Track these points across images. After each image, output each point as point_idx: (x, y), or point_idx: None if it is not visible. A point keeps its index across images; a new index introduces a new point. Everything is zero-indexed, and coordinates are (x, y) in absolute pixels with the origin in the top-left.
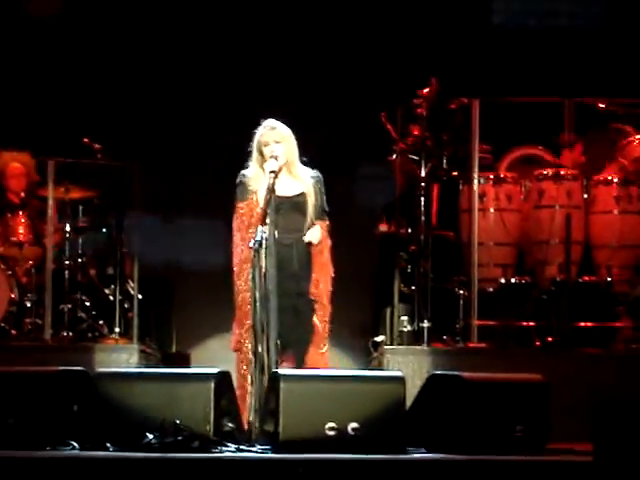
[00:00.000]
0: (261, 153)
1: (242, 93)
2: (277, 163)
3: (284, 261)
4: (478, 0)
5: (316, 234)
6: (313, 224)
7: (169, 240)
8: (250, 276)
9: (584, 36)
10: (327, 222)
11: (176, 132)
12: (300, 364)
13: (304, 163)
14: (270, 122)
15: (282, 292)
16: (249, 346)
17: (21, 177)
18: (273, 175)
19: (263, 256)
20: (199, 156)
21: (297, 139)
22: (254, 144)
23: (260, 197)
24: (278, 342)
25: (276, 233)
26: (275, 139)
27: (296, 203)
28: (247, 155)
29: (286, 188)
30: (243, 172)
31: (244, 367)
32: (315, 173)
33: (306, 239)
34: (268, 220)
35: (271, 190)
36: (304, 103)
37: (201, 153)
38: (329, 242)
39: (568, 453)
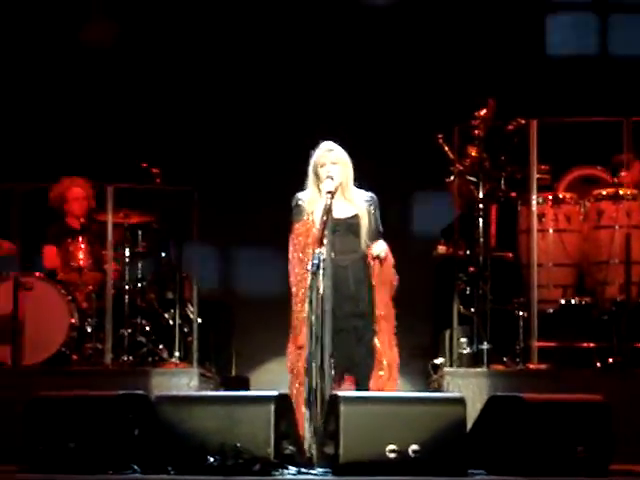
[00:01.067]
0: (317, 175)
1: (299, 118)
2: (333, 183)
3: (340, 282)
4: (535, 23)
5: (382, 246)
6: (368, 247)
7: (228, 264)
8: (307, 299)
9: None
10: (381, 240)
11: (233, 156)
12: (364, 387)
13: (358, 187)
14: (327, 144)
15: (341, 314)
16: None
17: (83, 201)
18: (330, 195)
19: (321, 278)
20: (258, 180)
21: (354, 162)
22: (311, 166)
23: (316, 218)
24: (332, 362)
25: (333, 254)
26: (332, 160)
27: (350, 225)
28: (304, 178)
29: (340, 210)
30: (298, 194)
31: (297, 386)
32: (369, 196)
33: (374, 252)
34: (325, 241)
35: (328, 210)
36: (361, 126)
37: (260, 178)
38: (392, 260)
39: (631, 475)
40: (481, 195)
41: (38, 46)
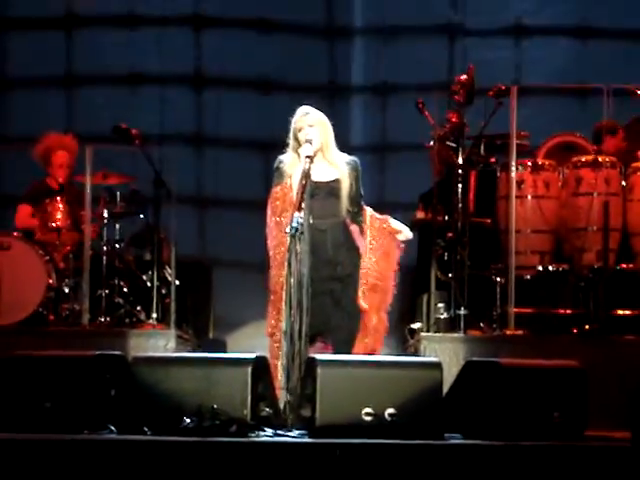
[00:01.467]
0: (296, 139)
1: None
2: (312, 147)
3: (318, 246)
4: None
5: (406, 231)
6: (348, 211)
7: (206, 226)
8: (286, 262)
9: None
10: (366, 209)
11: (214, 119)
12: (344, 351)
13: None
14: (304, 108)
15: (317, 277)
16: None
17: (66, 167)
18: (309, 160)
19: (299, 241)
20: (238, 142)
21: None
22: (290, 131)
23: (294, 182)
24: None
25: (310, 218)
26: (309, 123)
27: (331, 188)
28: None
29: (321, 173)
30: (280, 157)
31: (276, 349)
32: (351, 159)
33: (401, 238)
34: (304, 205)
35: (307, 175)
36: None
37: (239, 139)
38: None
39: (606, 440)
40: (460, 161)
41: None
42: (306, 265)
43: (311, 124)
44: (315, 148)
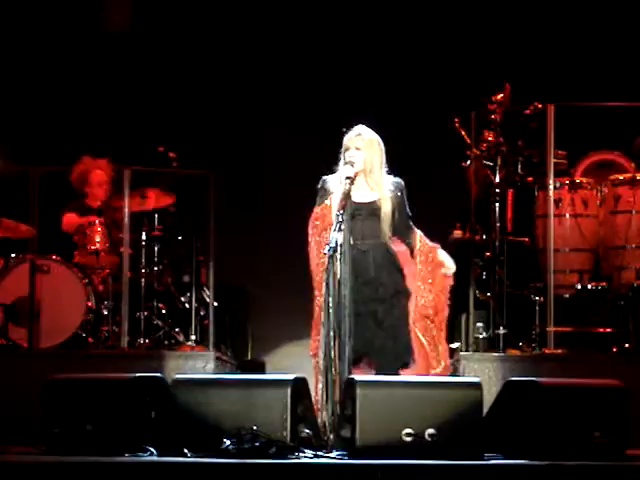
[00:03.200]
0: (344, 158)
1: (316, 99)
2: (352, 169)
3: (360, 267)
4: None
5: (450, 264)
6: (390, 232)
7: (245, 248)
8: (324, 282)
9: None
10: (416, 231)
11: (251, 139)
12: (389, 372)
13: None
14: (357, 128)
15: (359, 299)
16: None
17: (105, 186)
18: (348, 181)
19: (337, 262)
20: (277, 163)
21: None
22: (342, 151)
23: (334, 202)
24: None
25: (351, 239)
26: (356, 146)
27: (372, 210)
28: (329, 162)
29: (362, 195)
30: (325, 177)
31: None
32: (395, 181)
33: (444, 271)
34: (344, 226)
35: (346, 196)
36: (379, 110)
37: (279, 160)
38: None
39: None
40: (497, 180)
41: (58, 29)
42: (347, 286)
43: (358, 147)
44: (356, 170)
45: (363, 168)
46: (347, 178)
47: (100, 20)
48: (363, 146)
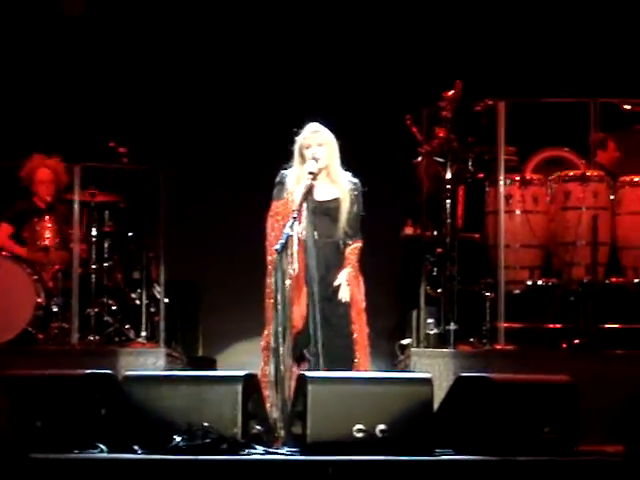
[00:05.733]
0: (302, 155)
1: (269, 97)
2: (317, 165)
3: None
4: (501, 3)
5: (345, 292)
6: (346, 235)
7: (196, 244)
8: (273, 279)
9: (609, 36)
10: (360, 243)
11: (199, 135)
12: (337, 369)
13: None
14: (313, 125)
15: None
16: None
17: (49, 184)
18: (311, 176)
19: (288, 259)
20: (226, 158)
21: None
22: (296, 146)
23: (295, 198)
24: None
25: (315, 234)
26: (318, 142)
27: (328, 208)
28: (280, 158)
29: (322, 193)
30: (283, 172)
31: (266, 368)
32: (353, 181)
33: (341, 297)
34: (305, 222)
35: (309, 191)
36: (330, 108)
37: (228, 154)
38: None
39: (598, 454)
40: (448, 176)
41: (8, 20)
42: (315, 280)
43: (320, 143)
44: (320, 166)
45: (326, 164)
46: (310, 173)
47: (55, 3)
48: (324, 142)
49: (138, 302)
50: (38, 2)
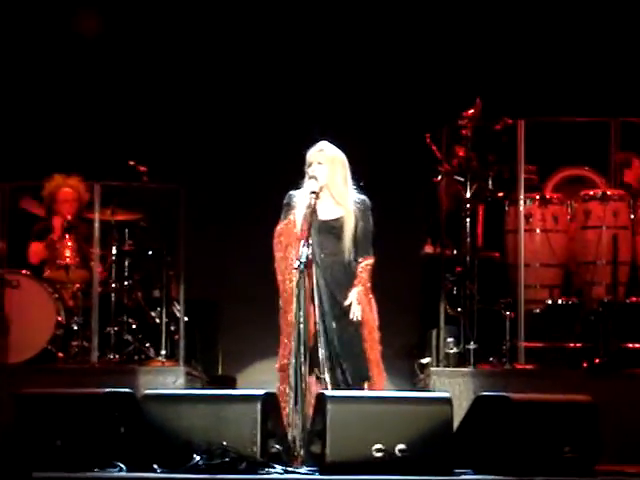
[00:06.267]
0: (306, 174)
1: (288, 116)
2: (317, 184)
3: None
4: (521, 22)
5: (357, 311)
6: (355, 253)
7: (215, 262)
8: (295, 297)
9: (630, 55)
10: (371, 260)
11: (221, 154)
12: (350, 388)
13: (360, 188)
14: (320, 144)
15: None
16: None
17: (72, 202)
18: (313, 195)
19: (307, 276)
20: (246, 178)
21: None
22: (306, 165)
23: (298, 217)
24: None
25: (322, 254)
26: (318, 160)
27: (332, 227)
28: (294, 177)
29: (325, 211)
30: (291, 192)
31: (285, 387)
32: (360, 199)
33: (352, 316)
34: (311, 240)
35: (311, 210)
36: (350, 125)
37: (249, 174)
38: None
39: (618, 474)
40: (468, 195)
41: (28, 41)
42: (327, 299)
43: (320, 161)
44: (320, 184)
45: (326, 182)
46: (312, 192)
47: (72, 26)
48: (324, 160)
49: (158, 321)
50: (57, 23)
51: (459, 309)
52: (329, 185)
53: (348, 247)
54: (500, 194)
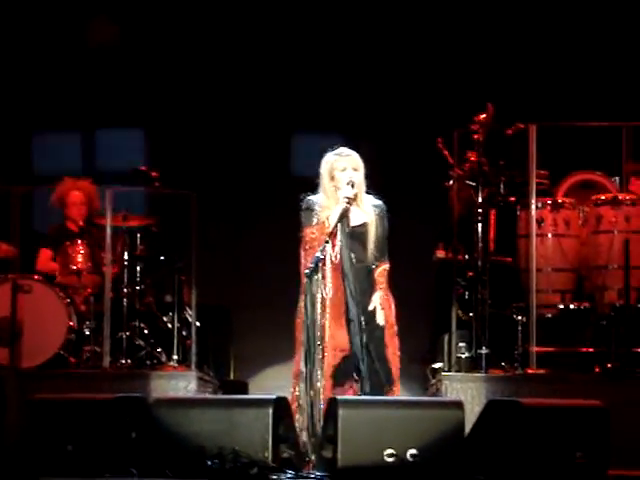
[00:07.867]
0: (332, 179)
1: (299, 120)
2: (352, 190)
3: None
4: (533, 27)
5: (380, 316)
6: (375, 259)
7: (227, 268)
8: (303, 303)
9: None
10: (387, 265)
11: (233, 159)
12: (376, 394)
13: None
14: (344, 149)
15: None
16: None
17: (81, 206)
18: (346, 201)
19: (316, 284)
20: (258, 183)
21: None
22: (325, 170)
23: (332, 222)
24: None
25: (354, 259)
26: (353, 166)
27: (359, 233)
28: (309, 183)
29: (353, 217)
30: (310, 197)
31: (297, 392)
32: (379, 204)
33: (378, 321)
34: (342, 246)
35: (343, 216)
36: (361, 130)
37: (261, 180)
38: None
39: (629, 479)
40: (480, 199)
41: (43, 47)
42: (358, 304)
43: (356, 167)
44: (356, 191)
45: (360, 189)
46: (346, 198)
47: (86, 36)
48: (358, 167)
49: (170, 325)
50: (70, 32)
51: (471, 314)
52: (359, 192)
53: (372, 252)
54: (512, 199)
